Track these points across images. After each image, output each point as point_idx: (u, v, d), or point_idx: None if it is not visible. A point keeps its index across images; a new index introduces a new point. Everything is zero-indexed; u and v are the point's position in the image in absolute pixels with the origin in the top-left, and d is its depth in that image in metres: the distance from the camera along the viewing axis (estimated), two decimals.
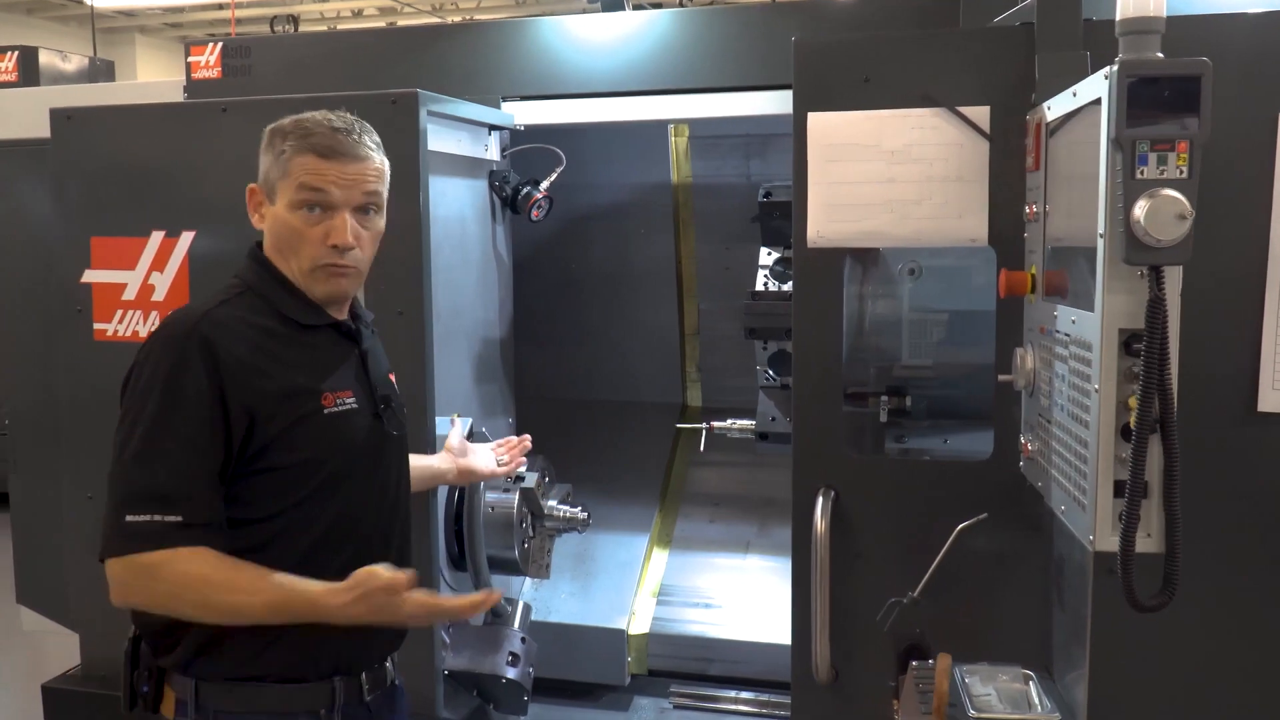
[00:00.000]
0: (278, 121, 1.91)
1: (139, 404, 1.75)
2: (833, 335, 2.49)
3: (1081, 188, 1.82)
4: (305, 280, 1.88)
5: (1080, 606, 1.82)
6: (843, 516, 2.50)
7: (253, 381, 1.76)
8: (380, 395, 1.97)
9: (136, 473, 1.71)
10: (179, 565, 1.69)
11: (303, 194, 1.83)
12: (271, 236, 1.90)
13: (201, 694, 1.79)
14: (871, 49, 2.43)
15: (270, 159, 1.87)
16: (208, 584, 1.71)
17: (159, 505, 1.69)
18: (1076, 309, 1.85)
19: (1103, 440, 1.70)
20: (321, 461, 1.83)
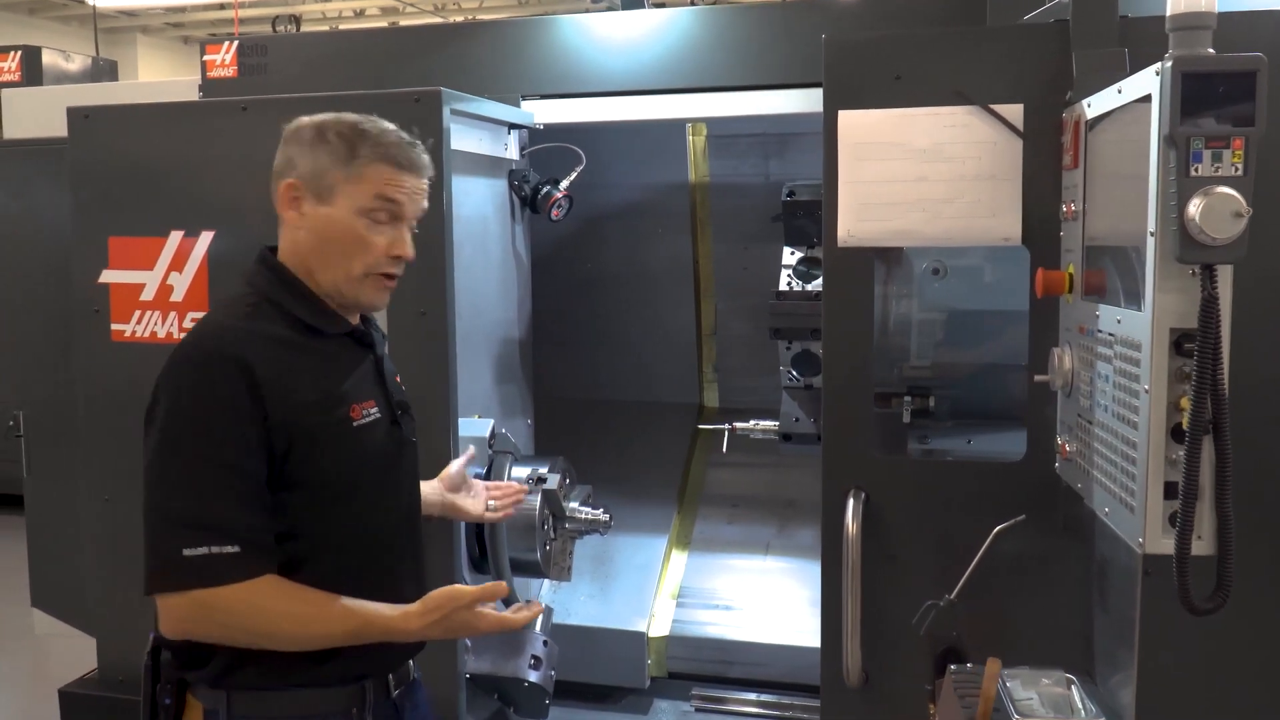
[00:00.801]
0: (316, 119, 1.84)
1: (177, 429, 1.69)
2: (863, 335, 2.46)
3: (1127, 186, 1.80)
4: (350, 288, 1.83)
5: (1127, 609, 1.80)
6: (873, 518, 2.47)
7: (287, 398, 1.72)
8: (396, 402, 1.94)
9: (186, 502, 1.66)
10: (246, 598, 1.65)
11: (377, 202, 1.80)
12: (315, 239, 1.81)
13: (234, 703, 1.75)
14: (903, 46, 2.41)
15: (327, 158, 1.79)
16: (281, 617, 1.69)
17: (215, 536, 1.64)
18: (1122, 308, 1.83)
19: (1153, 442, 1.67)
20: (353, 474, 1.81)
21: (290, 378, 1.73)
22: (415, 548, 2.01)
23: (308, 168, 1.80)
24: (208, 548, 1.63)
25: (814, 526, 3.71)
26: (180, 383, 1.71)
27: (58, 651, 3.61)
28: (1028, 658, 2.08)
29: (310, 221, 1.81)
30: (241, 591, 1.65)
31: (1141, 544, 1.69)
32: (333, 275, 1.82)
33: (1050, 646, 2.23)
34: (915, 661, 2.40)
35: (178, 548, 1.64)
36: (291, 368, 1.75)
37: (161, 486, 1.69)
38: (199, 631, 1.70)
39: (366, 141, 1.79)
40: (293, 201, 1.83)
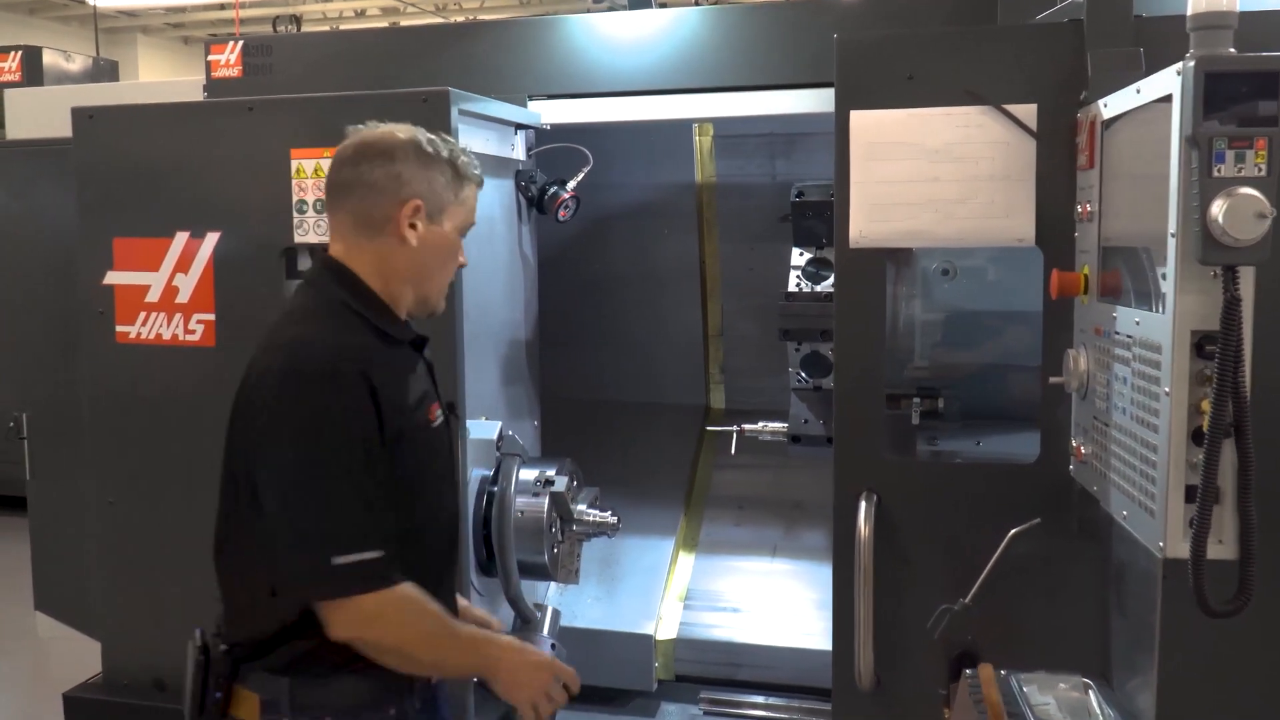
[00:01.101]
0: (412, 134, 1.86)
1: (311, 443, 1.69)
2: (875, 337, 2.45)
3: (1145, 186, 1.78)
4: (435, 297, 1.92)
5: (1146, 613, 1.79)
6: (885, 521, 2.46)
7: (394, 403, 1.76)
8: (446, 403, 2.00)
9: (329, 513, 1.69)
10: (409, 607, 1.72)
11: (471, 222, 1.93)
12: (422, 253, 1.84)
13: (296, 690, 1.77)
14: (915, 46, 2.39)
15: (443, 181, 1.85)
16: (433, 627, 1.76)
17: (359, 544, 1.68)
18: (1140, 310, 1.81)
19: (1173, 444, 1.66)
20: (427, 472, 1.88)
21: (391, 384, 1.78)
22: (458, 543, 2.10)
23: (425, 188, 1.83)
24: (358, 554, 1.67)
25: (821, 528, 3.71)
26: (306, 398, 1.71)
27: (59, 655, 3.58)
28: (1042, 662, 2.06)
29: (423, 239, 1.84)
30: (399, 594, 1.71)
31: (1162, 548, 1.68)
32: (427, 288, 1.89)
33: (1064, 650, 2.22)
34: (927, 665, 2.39)
35: (326, 557, 1.67)
36: (390, 375, 1.79)
37: (301, 500, 1.70)
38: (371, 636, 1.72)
39: (468, 168, 1.90)
40: (410, 220, 1.83)
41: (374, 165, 1.81)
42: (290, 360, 1.73)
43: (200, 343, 2.94)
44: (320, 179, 2.80)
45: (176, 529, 3.00)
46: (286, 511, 1.70)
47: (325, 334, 1.77)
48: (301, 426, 1.70)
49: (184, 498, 2.99)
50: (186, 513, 3.00)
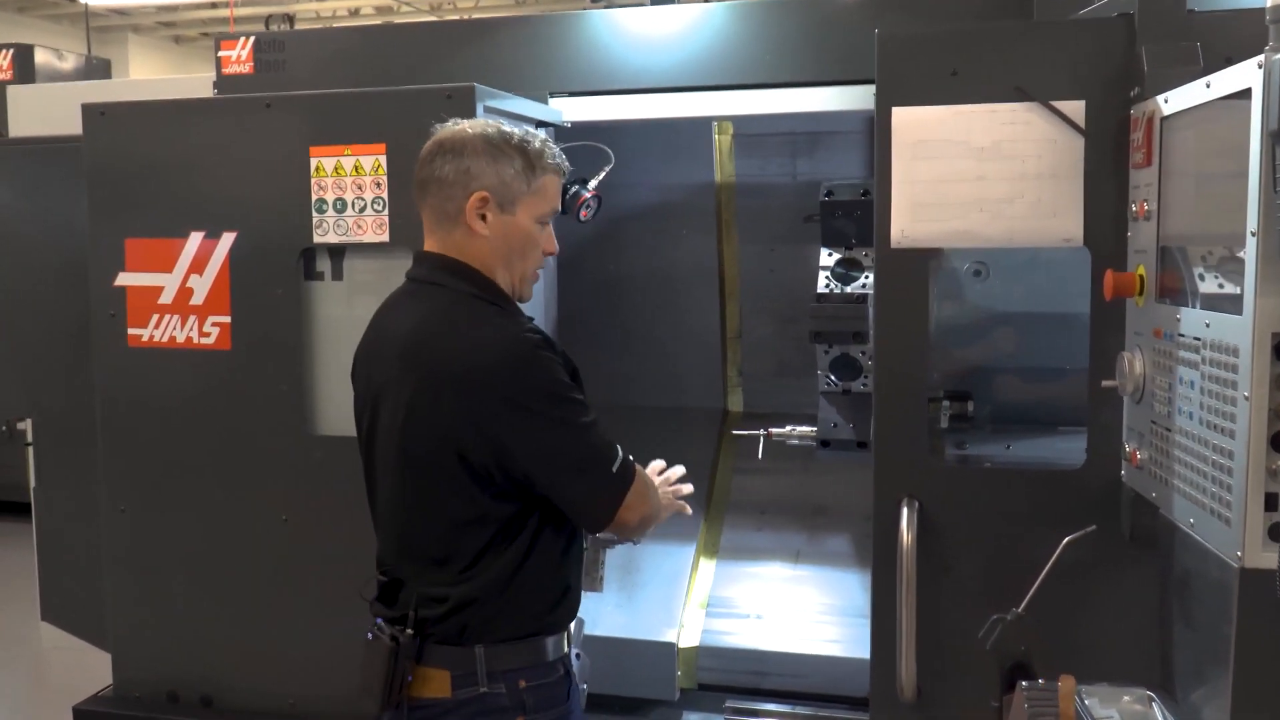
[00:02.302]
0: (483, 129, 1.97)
1: (566, 394, 1.89)
2: (917, 339, 2.39)
3: (1217, 184, 1.73)
4: (521, 285, 2.02)
5: (1219, 624, 1.73)
6: (926, 527, 2.40)
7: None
8: None
9: (600, 438, 1.94)
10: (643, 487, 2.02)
11: (551, 211, 2.01)
12: (502, 244, 1.96)
13: (490, 658, 1.90)
14: (959, 41, 2.34)
15: (512, 173, 1.94)
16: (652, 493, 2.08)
17: (617, 450, 1.96)
18: (1211, 311, 1.76)
19: (1252, 451, 1.60)
20: None
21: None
22: None
23: (493, 180, 1.93)
24: (621, 456, 1.96)
25: (845, 534, 3.66)
26: (540, 370, 1.88)
27: (66, 666, 3.49)
28: (1096, 673, 2.01)
29: (494, 229, 1.95)
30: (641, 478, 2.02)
31: (1240, 557, 1.62)
32: (510, 275, 1.99)
33: (1119, 661, 2.16)
34: (970, 675, 2.32)
35: (609, 468, 1.93)
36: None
37: (578, 437, 1.91)
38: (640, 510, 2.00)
39: (543, 157, 1.97)
40: (480, 211, 1.95)
41: (445, 161, 1.93)
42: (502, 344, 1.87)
43: (215, 346, 2.87)
44: (340, 177, 2.73)
45: (190, 537, 2.93)
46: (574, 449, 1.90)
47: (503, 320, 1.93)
48: (549, 392, 1.87)
49: (197, 505, 2.92)
50: (200, 520, 2.93)
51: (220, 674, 2.93)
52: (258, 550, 2.87)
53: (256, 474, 2.86)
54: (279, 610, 2.87)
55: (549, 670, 1.97)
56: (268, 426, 2.84)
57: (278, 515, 2.85)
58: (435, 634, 1.91)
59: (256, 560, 2.87)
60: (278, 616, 2.87)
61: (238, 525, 2.88)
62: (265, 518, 2.86)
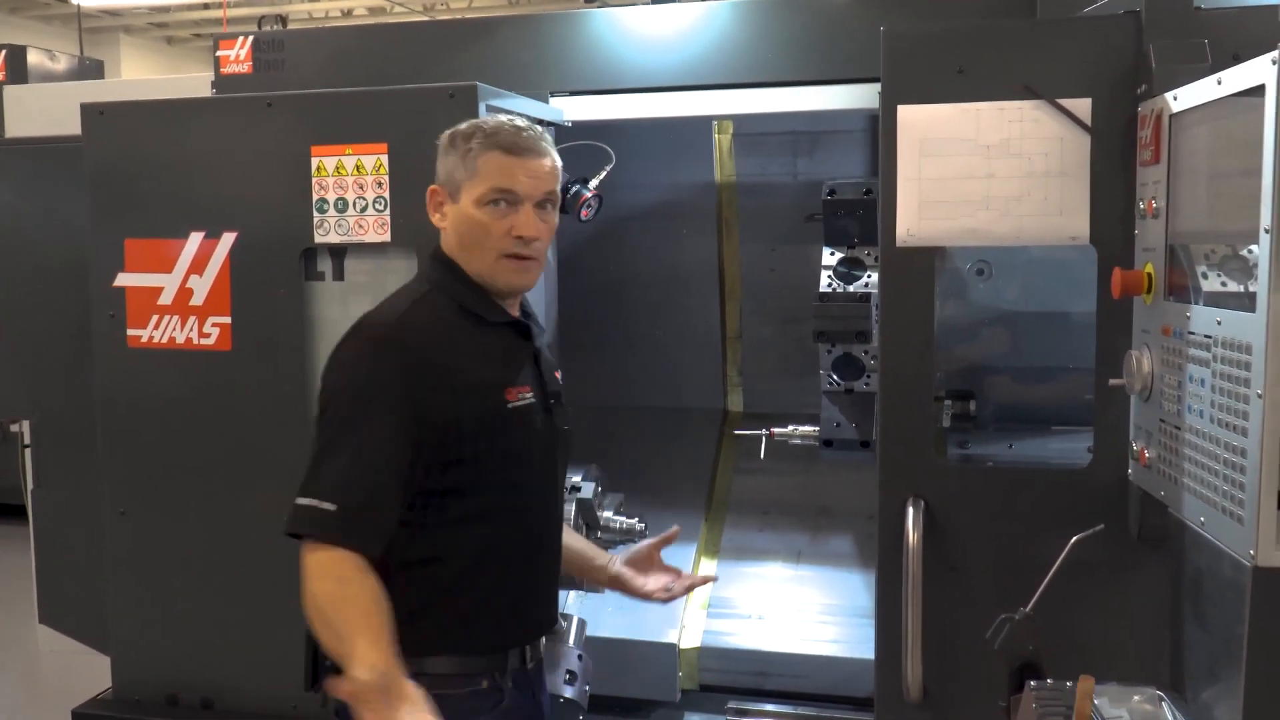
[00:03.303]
0: (455, 128, 1.98)
1: (333, 401, 1.85)
2: (923, 338, 2.38)
3: (1229, 181, 1.72)
4: (489, 273, 1.95)
5: (1232, 624, 1.72)
6: (932, 527, 2.39)
7: (444, 379, 1.85)
8: (551, 391, 2.06)
9: (319, 460, 1.81)
10: (320, 561, 1.76)
11: (491, 190, 1.91)
12: (455, 234, 1.96)
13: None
14: (966, 39, 2.33)
15: (454, 160, 1.94)
16: (331, 603, 1.75)
17: (322, 493, 1.77)
18: (1222, 309, 1.75)
19: (1266, 449, 1.59)
20: (505, 453, 1.91)
21: (454, 359, 1.88)
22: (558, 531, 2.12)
23: (442, 173, 1.97)
24: (314, 500, 1.77)
25: (847, 534, 3.65)
26: (341, 359, 1.88)
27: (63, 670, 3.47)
28: (1105, 673, 2.00)
29: (450, 220, 1.97)
30: (322, 555, 1.75)
31: (1253, 555, 1.61)
32: (475, 264, 1.95)
33: (1127, 661, 2.16)
34: (976, 675, 2.31)
35: (313, 496, 1.78)
36: (456, 350, 1.89)
37: (318, 443, 1.83)
38: (307, 584, 1.77)
39: (478, 135, 1.92)
40: (436, 206, 1.99)
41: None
42: (352, 326, 1.90)
43: (215, 347, 2.85)
44: (341, 177, 2.72)
45: (190, 539, 2.91)
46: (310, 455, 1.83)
47: (386, 307, 1.93)
48: (328, 384, 1.85)
49: (198, 507, 2.89)
50: (200, 522, 2.91)
51: (220, 677, 2.91)
52: (258, 552, 2.84)
53: (257, 476, 2.84)
54: (280, 613, 2.83)
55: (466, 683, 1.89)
56: (268, 428, 2.82)
57: (278, 517, 2.81)
58: None
59: (257, 562, 2.85)
60: (279, 619, 2.84)
61: (238, 527, 2.86)
62: (266, 520, 2.80)
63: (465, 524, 1.89)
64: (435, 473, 1.85)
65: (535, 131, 1.96)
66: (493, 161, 1.91)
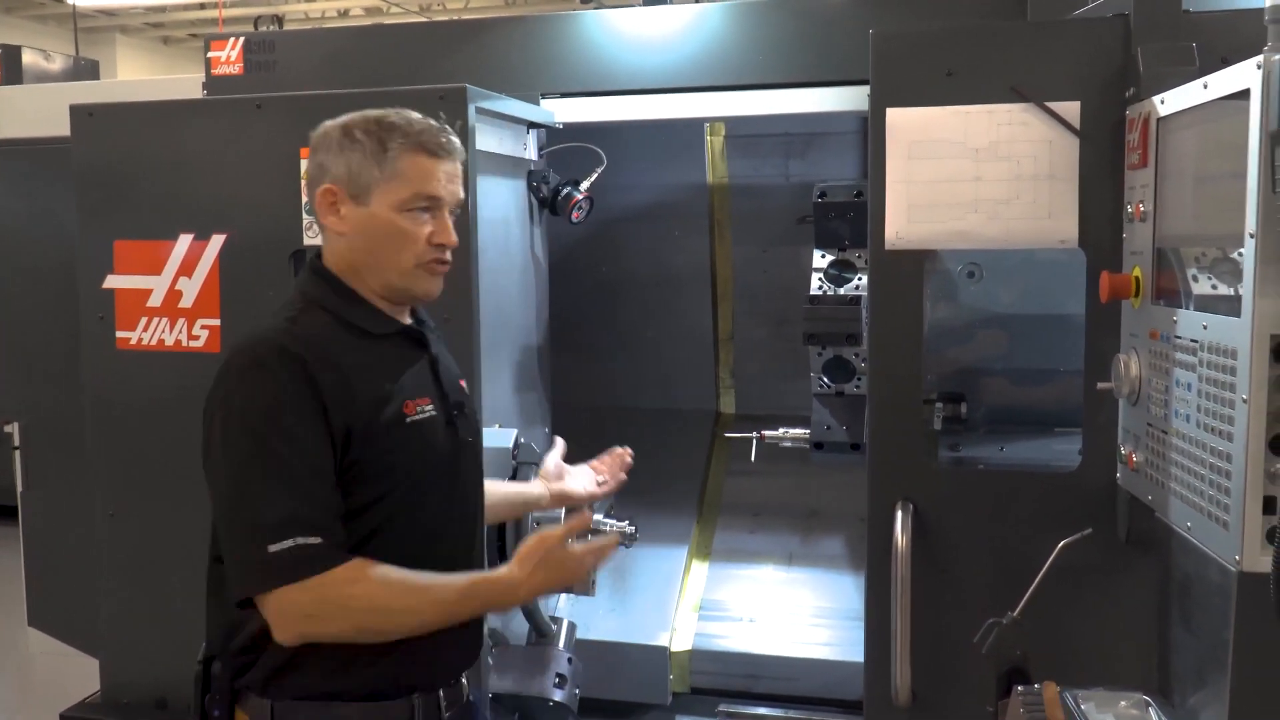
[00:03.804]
0: (340, 120, 1.81)
1: (240, 433, 1.66)
2: (912, 340, 2.38)
3: (1214, 185, 1.72)
4: (403, 280, 1.80)
5: (1218, 629, 1.72)
6: (921, 530, 2.39)
7: (341, 396, 1.69)
8: (453, 401, 1.90)
9: (263, 501, 1.63)
10: (350, 580, 1.64)
11: (416, 196, 1.77)
12: (362, 239, 1.79)
13: (277, 713, 1.72)
14: (954, 41, 2.33)
15: (360, 158, 1.76)
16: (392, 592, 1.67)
17: (297, 529, 1.62)
18: (1208, 313, 1.75)
19: (1251, 454, 1.59)
20: (406, 470, 1.77)
21: (345, 378, 1.71)
22: (475, 553, 1.96)
23: (341, 170, 1.78)
24: (293, 540, 1.61)
25: (839, 536, 3.64)
26: (238, 387, 1.69)
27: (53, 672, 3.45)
28: (1094, 677, 2.00)
29: (351, 224, 1.79)
30: (344, 575, 1.63)
31: (1238, 561, 1.61)
32: (384, 273, 1.80)
33: (1116, 665, 2.15)
34: (966, 679, 2.32)
35: (263, 546, 1.61)
36: (343, 367, 1.72)
37: (235, 491, 1.67)
38: (316, 628, 1.65)
39: (396, 134, 1.76)
40: (331, 207, 1.80)
41: (310, 160, 1.82)
42: (228, 356, 1.73)
43: (204, 349, 2.84)
44: None
45: (179, 542, 2.88)
46: (225, 505, 1.68)
47: (268, 324, 1.76)
48: (228, 416, 1.67)
49: (187, 509, 2.87)
50: (189, 525, 2.87)
51: None
52: None
53: None
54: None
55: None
56: None
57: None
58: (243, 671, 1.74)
59: None
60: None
61: None
62: None
63: (369, 550, 1.70)
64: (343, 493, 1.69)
65: (450, 132, 1.83)
66: (417, 164, 1.75)
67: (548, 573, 1.75)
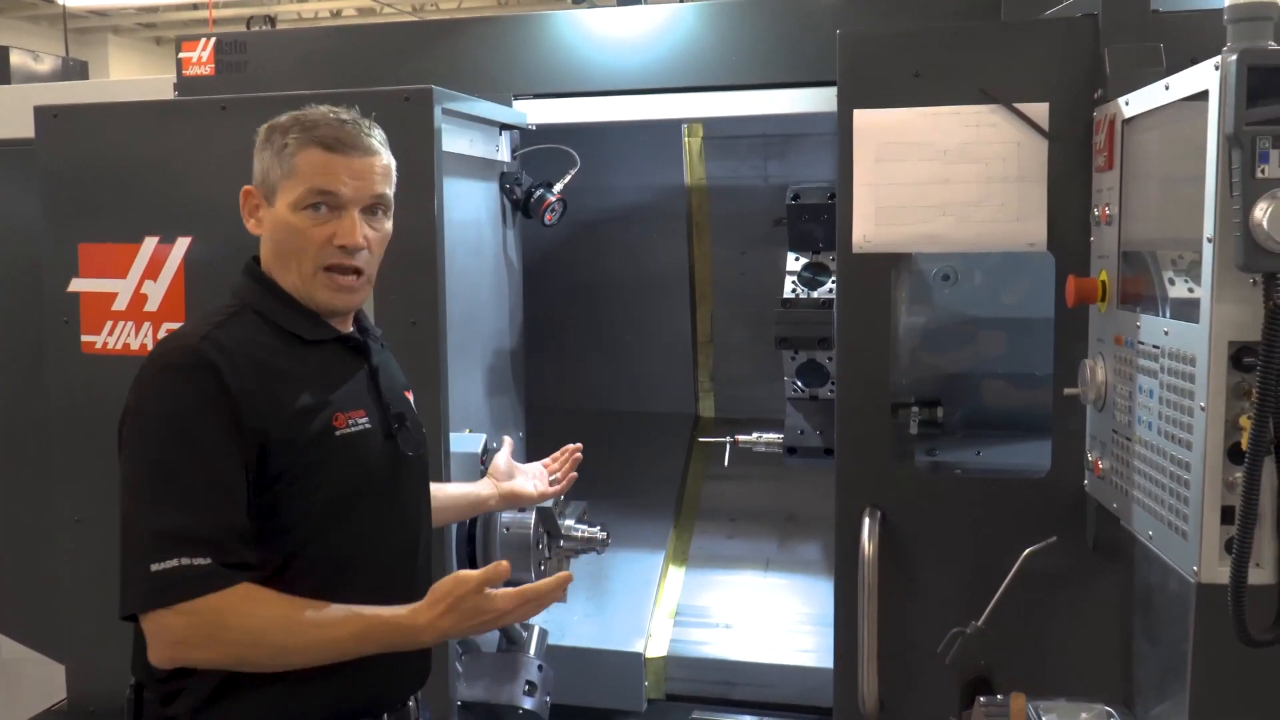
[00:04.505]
0: (275, 119, 1.78)
1: (144, 440, 1.61)
2: (879, 345, 2.35)
3: (1175, 188, 1.69)
4: (307, 287, 1.73)
5: (1178, 640, 1.69)
6: (890, 536, 2.36)
7: (262, 406, 1.62)
8: (394, 414, 1.82)
9: (154, 518, 1.57)
10: (231, 609, 1.54)
11: (309, 193, 1.69)
12: (271, 242, 1.76)
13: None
14: (922, 42, 2.30)
15: (269, 157, 1.73)
16: (274, 625, 1.57)
17: (185, 548, 1.53)
18: (1170, 319, 1.72)
19: (1209, 463, 1.56)
20: (336, 487, 1.69)
21: (271, 385, 1.64)
22: (424, 567, 1.89)
23: (259, 171, 1.75)
24: (177, 560, 1.52)
25: (816, 541, 3.61)
26: (148, 392, 1.63)
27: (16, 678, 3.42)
28: (1059, 687, 1.97)
29: (266, 227, 1.76)
30: (220, 602, 1.53)
31: (1196, 572, 1.58)
32: (290, 278, 1.74)
33: (1082, 675, 2.12)
34: (934, 688, 2.29)
35: (146, 564, 1.54)
36: (272, 375, 1.65)
37: (130, 501, 1.61)
38: (185, 654, 1.58)
39: (295, 129, 1.70)
40: (252, 209, 1.78)
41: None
42: (149, 357, 1.68)
43: None
44: None
45: None
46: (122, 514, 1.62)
47: (193, 328, 1.69)
48: (136, 421, 1.62)
49: None
50: None
51: None
52: None
53: None
54: None
55: None
56: None
57: None
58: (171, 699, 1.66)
59: None
60: None
61: None
62: None
63: (293, 574, 1.63)
64: (256, 516, 1.61)
65: (363, 125, 1.74)
66: (311, 159, 1.67)
67: (458, 619, 1.64)
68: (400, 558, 1.83)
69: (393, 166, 1.80)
